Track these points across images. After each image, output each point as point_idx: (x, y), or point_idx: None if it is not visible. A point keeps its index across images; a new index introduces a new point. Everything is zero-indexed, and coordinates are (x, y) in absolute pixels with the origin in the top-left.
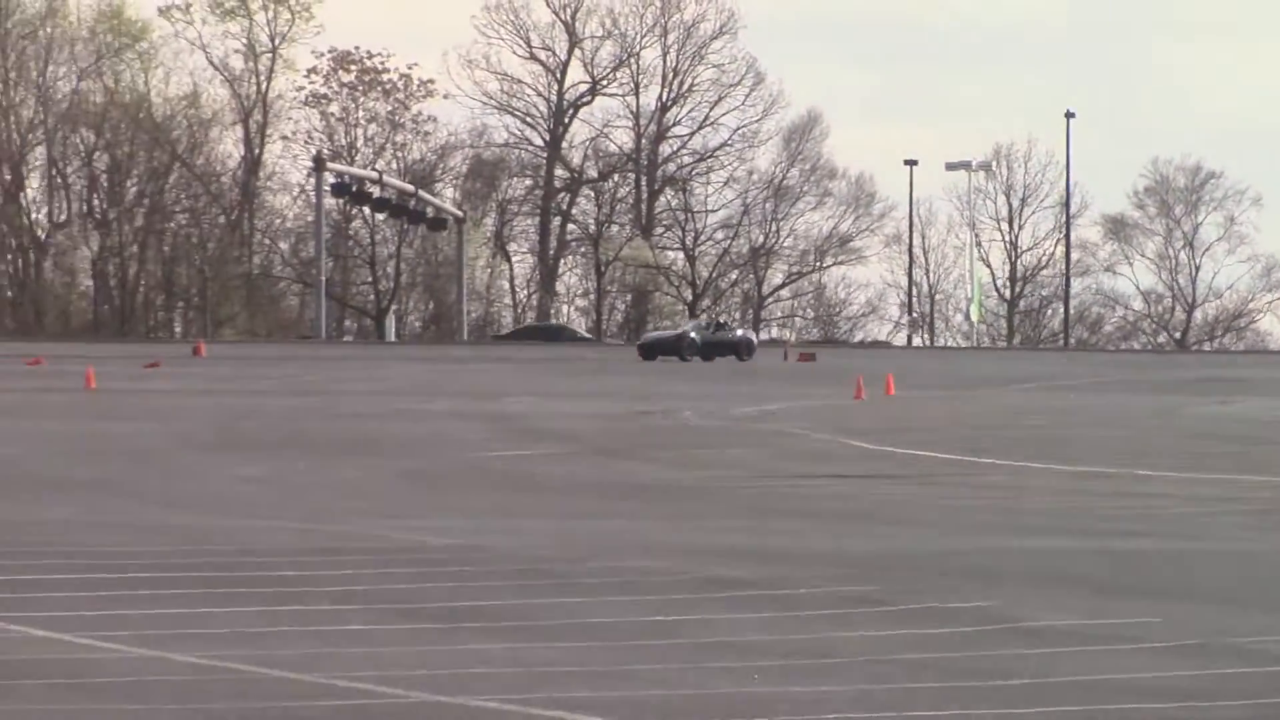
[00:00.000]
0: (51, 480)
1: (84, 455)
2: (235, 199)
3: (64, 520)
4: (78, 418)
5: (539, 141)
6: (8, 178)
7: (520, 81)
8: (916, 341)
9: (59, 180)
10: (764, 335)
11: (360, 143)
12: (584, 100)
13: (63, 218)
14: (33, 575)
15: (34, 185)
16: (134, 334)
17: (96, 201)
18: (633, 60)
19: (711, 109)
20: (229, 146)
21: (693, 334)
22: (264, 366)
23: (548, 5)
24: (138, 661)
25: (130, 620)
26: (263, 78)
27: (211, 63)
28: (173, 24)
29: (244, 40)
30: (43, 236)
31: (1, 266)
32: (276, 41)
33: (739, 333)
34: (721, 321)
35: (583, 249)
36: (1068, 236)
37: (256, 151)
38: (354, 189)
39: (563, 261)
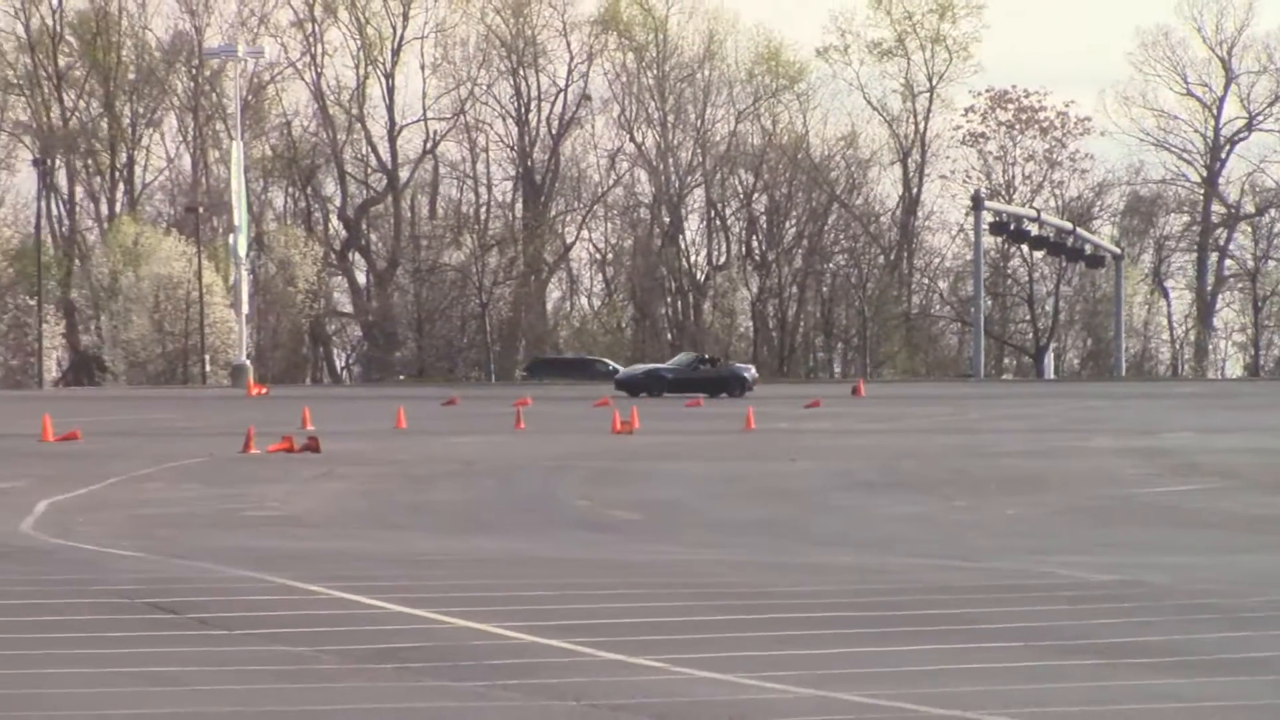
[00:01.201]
0: (713, 521)
1: (744, 496)
2: (894, 239)
3: (726, 561)
4: (737, 459)
5: (1195, 177)
6: (667, 220)
7: (1176, 118)
8: None
9: (718, 222)
10: None
11: (1018, 180)
12: (1240, 135)
13: (721, 259)
14: (698, 616)
15: (693, 228)
16: (794, 374)
17: (755, 243)
18: None
19: None
20: (887, 186)
21: (666, 372)
22: (923, 405)
23: (1204, 41)
24: (804, 701)
25: (797, 660)
26: (920, 117)
27: (869, 103)
28: (830, 65)
29: (902, 80)
30: (702, 278)
31: (661, 309)
32: (934, 81)
33: (732, 368)
34: (710, 358)
35: (1240, 284)
36: None
37: (915, 191)
38: (1012, 227)
39: (1220, 297)
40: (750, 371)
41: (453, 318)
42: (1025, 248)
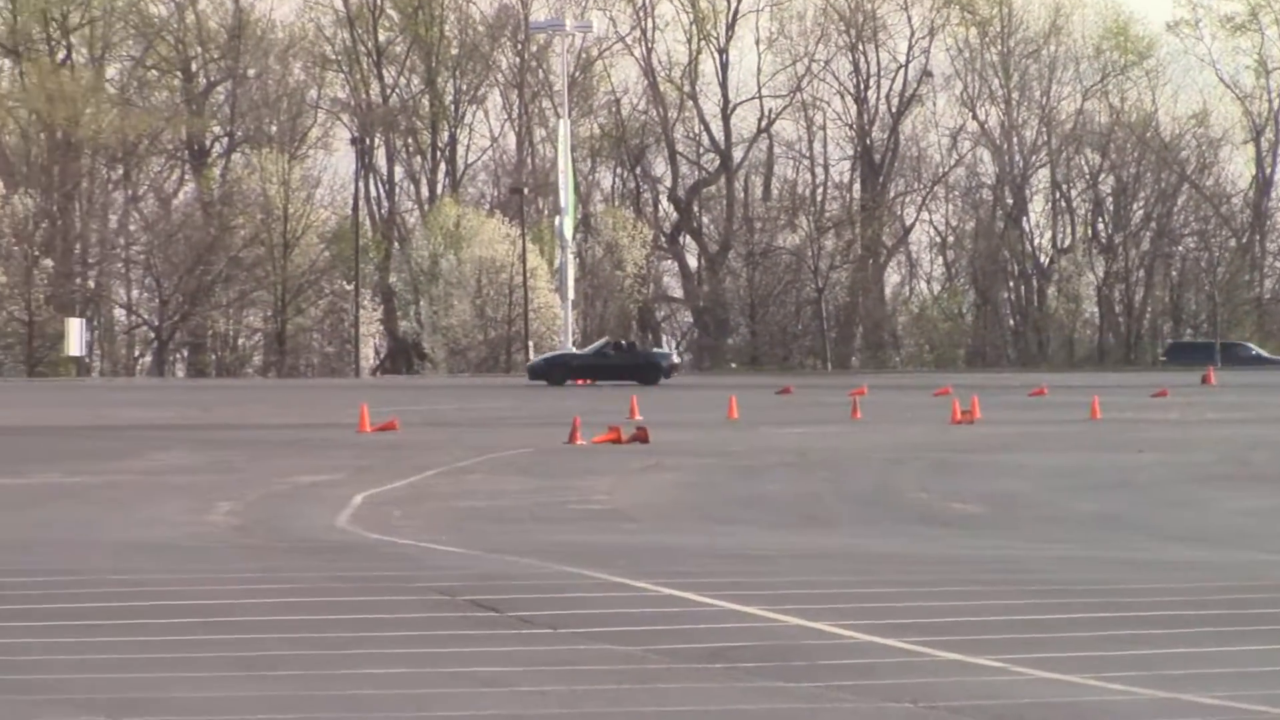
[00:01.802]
0: (1055, 515)
1: (1088, 488)
2: (1246, 220)
3: (1068, 557)
4: (1081, 449)
5: None
6: (1010, 202)
7: None
8: None
9: (1063, 204)
10: None
11: None
12: None
13: (1066, 243)
14: (1038, 614)
15: (1037, 209)
16: (1140, 361)
17: (1101, 225)
18: None
19: None
20: (1239, 166)
21: (572, 358)
22: (1275, 394)
23: None
24: (1148, 703)
25: (1140, 660)
26: (1274, 94)
27: (1221, 79)
28: (1181, 40)
29: (1255, 55)
30: (1046, 262)
31: (1004, 294)
32: None
33: (647, 353)
34: (625, 342)
35: None
36: None
37: (1268, 171)
38: None
39: None
40: (670, 358)
41: (787, 303)
42: None
